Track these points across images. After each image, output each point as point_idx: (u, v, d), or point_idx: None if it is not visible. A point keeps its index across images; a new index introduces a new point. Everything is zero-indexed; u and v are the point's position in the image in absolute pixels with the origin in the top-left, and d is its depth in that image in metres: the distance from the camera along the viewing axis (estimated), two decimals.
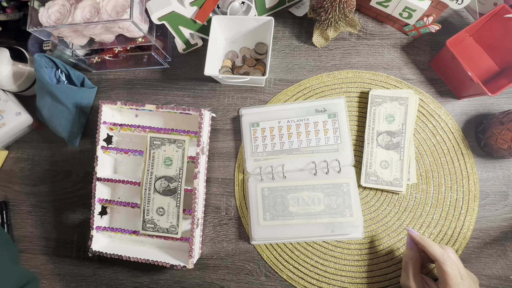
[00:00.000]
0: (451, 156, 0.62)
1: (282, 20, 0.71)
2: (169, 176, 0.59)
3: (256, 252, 0.64)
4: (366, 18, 0.69)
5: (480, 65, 0.63)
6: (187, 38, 0.67)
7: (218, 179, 0.67)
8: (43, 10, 0.58)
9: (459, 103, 0.64)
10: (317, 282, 0.61)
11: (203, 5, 0.61)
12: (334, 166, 0.62)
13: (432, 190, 0.62)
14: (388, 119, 0.62)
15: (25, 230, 0.71)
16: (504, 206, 0.60)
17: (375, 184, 0.61)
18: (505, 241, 0.59)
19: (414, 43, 0.67)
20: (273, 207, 0.62)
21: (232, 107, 0.69)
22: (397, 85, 0.65)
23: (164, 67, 0.72)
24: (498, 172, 0.61)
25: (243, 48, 0.70)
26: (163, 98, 0.72)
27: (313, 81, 0.68)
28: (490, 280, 0.58)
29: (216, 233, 0.65)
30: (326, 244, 0.62)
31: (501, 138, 0.55)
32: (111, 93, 0.74)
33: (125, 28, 0.58)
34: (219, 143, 0.68)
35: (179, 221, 0.59)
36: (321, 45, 0.68)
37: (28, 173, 0.73)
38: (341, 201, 0.61)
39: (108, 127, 0.65)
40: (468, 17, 0.66)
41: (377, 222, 0.62)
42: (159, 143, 0.60)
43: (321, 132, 0.64)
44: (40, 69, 0.64)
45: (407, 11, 0.60)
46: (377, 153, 0.62)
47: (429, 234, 0.60)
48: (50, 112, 0.68)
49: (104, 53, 0.70)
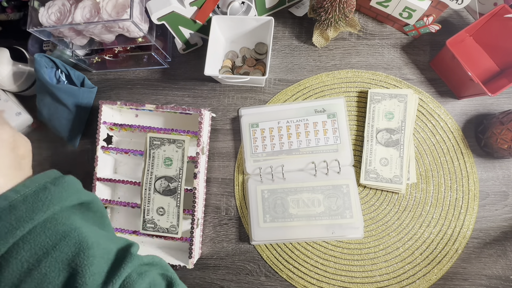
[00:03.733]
0: (450, 155, 0.62)
1: (282, 20, 0.71)
2: (169, 176, 0.59)
3: (256, 252, 0.64)
4: (366, 18, 0.69)
5: (480, 65, 0.63)
6: (187, 38, 0.67)
7: (218, 179, 0.67)
8: (43, 10, 0.58)
9: (459, 103, 0.64)
10: (317, 282, 0.61)
11: (203, 5, 0.61)
12: (334, 166, 0.62)
13: (432, 190, 0.62)
14: (388, 117, 0.62)
15: None
16: (504, 206, 0.60)
17: (375, 181, 0.61)
18: (505, 241, 0.59)
19: (414, 43, 0.67)
20: (273, 209, 0.62)
21: (232, 107, 0.69)
22: (397, 85, 0.65)
23: (164, 67, 0.72)
24: (498, 172, 0.61)
25: (243, 48, 0.70)
26: (163, 98, 0.72)
27: (313, 81, 0.68)
28: (490, 280, 0.58)
29: (216, 233, 0.65)
30: (326, 244, 0.62)
31: (501, 138, 0.55)
32: (111, 93, 0.74)
33: (125, 28, 0.58)
34: (219, 143, 0.68)
35: (179, 221, 0.59)
36: (321, 45, 0.68)
37: None
38: (341, 202, 0.61)
39: (108, 127, 0.65)
40: (468, 17, 0.66)
41: (377, 221, 0.62)
42: (158, 143, 0.60)
43: (320, 132, 0.64)
44: (40, 69, 0.64)
45: (407, 11, 0.60)
46: (377, 151, 0.62)
47: (429, 233, 0.60)
48: (50, 112, 0.68)
49: (104, 53, 0.70)
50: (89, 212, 0.31)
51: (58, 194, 0.28)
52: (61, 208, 0.27)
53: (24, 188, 0.27)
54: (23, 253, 0.25)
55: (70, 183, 0.30)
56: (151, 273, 0.30)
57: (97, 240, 0.28)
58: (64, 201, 0.28)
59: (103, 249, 0.28)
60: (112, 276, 0.27)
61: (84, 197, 0.30)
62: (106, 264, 0.27)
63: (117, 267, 0.27)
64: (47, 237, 0.26)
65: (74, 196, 0.29)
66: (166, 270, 0.32)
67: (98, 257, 0.27)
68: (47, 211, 0.26)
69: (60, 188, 0.28)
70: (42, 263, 0.25)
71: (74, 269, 0.25)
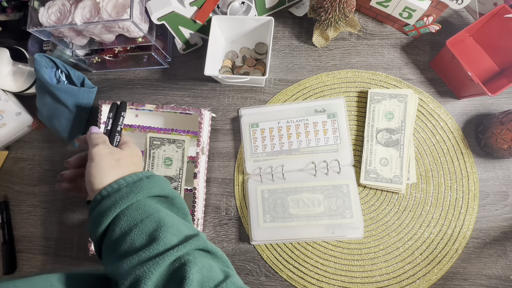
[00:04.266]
0: (450, 155, 0.62)
1: (282, 20, 0.71)
2: (169, 176, 0.59)
3: (256, 252, 0.64)
4: (366, 18, 0.69)
5: (480, 65, 0.63)
6: (187, 38, 0.67)
7: (218, 179, 0.67)
8: (43, 10, 0.58)
9: (459, 103, 0.64)
10: (317, 282, 0.61)
11: (203, 5, 0.61)
12: (334, 166, 0.62)
13: (432, 190, 0.62)
14: (388, 117, 0.62)
15: (25, 230, 0.71)
16: (504, 206, 0.60)
17: (375, 181, 0.61)
18: (505, 241, 0.59)
19: (414, 43, 0.67)
20: (273, 209, 0.62)
21: (232, 107, 0.69)
22: (397, 85, 0.65)
23: (164, 67, 0.72)
24: (498, 172, 0.61)
25: (243, 48, 0.70)
26: (163, 98, 0.72)
27: (312, 81, 0.68)
28: (490, 280, 0.58)
29: (216, 233, 0.65)
30: (326, 244, 0.62)
31: (501, 138, 0.55)
32: (111, 93, 0.74)
33: (125, 28, 0.58)
34: (219, 143, 0.68)
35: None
36: (321, 45, 0.68)
37: (28, 173, 0.73)
38: (341, 202, 0.61)
39: None
40: (468, 17, 0.66)
41: (377, 221, 0.62)
42: (158, 143, 0.60)
43: (320, 132, 0.64)
44: (40, 69, 0.64)
45: (407, 11, 0.60)
46: (377, 151, 0.62)
47: (429, 233, 0.60)
48: (50, 112, 0.68)
49: (104, 53, 0.70)
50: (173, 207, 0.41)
51: (148, 185, 0.39)
52: (148, 194, 0.38)
53: (129, 178, 0.39)
54: (122, 222, 0.36)
55: (159, 179, 0.41)
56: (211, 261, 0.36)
57: (174, 223, 0.37)
58: (151, 190, 0.38)
59: (176, 229, 0.36)
60: (178, 245, 0.34)
61: (167, 191, 0.40)
62: (177, 239, 0.35)
63: (184, 241, 0.35)
64: (138, 213, 0.36)
65: (159, 187, 0.39)
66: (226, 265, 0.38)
67: (171, 234, 0.35)
68: (138, 194, 0.37)
69: (151, 181, 0.39)
70: (132, 231, 0.35)
71: (152, 239, 0.34)
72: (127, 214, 0.36)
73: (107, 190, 0.38)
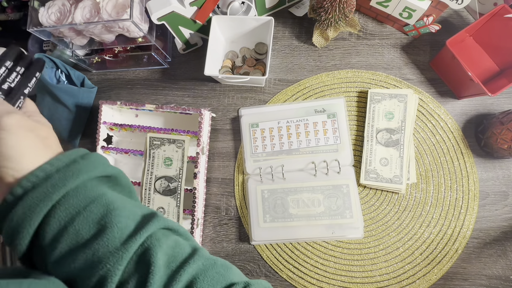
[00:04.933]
0: (450, 155, 0.62)
1: (282, 20, 0.71)
2: (169, 176, 0.59)
3: (256, 252, 0.64)
4: (366, 18, 0.69)
5: (480, 65, 0.63)
6: (187, 38, 0.67)
7: (218, 179, 0.67)
8: (43, 10, 0.58)
9: (459, 103, 0.64)
10: (317, 282, 0.61)
11: (203, 5, 0.60)
12: (334, 166, 0.62)
13: (432, 190, 0.62)
14: (388, 117, 0.62)
15: None
16: (504, 206, 0.60)
17: (375, 181, 0.61)
18: (505, 241, 0.59)
19: (414, 43, 0.67)
20: (273, 209, 0.62)
21: (232, 107, 0.69)
22: (397, 85, 0.65)
23: (164, 67, 0.72)
24: (498, 172, 0.61)
25: (243, 48, 0.70)
26: (163, 98, 0.72)
27: (312, 81, 0.68)
28: (490, 280, 0.58)
29: (216, 233, 0.65)
30: (326, 244, 0.62)
31: (501, 138, 0.55)
32: (111, 93, 0.74)
33: (125, 28, 0.58)
34: (219, 143, 0.68)
35: (179, 221, 0.59)
36: (321, 45, 0.68)
37: None
38: (341, 202, 0.61)
39: (108, 127, 0.65)
40: (468, 17, 0.66)
41: (377, 221, 0.62)
42: (158, 143, 0.60)
43: (320, 133, 0.64)
44: None
45: (407, 11, 0.60)
46: (377, 151, 0.62)
47: (429, 233, 0.60)
48: (50, 112, 0.68)
49: (104, 53, 0.70)
50: (118, 186, 0.35)
51: (86, 166, 0.32)
52: (89, 177, 0.32)
53: (57, 161, 0.31)
54: (59, 213, 0.30)
55: (97, 158, 0.34)
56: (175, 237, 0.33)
57: (124, 204, 0.32)
58: (91, 172, 0.32)
59: (129, 211, 0.32)
60: (138, 230, 0.30)
61: (109, 170, 0.34)
62: (133, 223, 0.31)
63: (143, 224, 0.31)
64: (79, 200, 0.30)
65: (101, 168, 0.33)
66: (192, 240, 0.35)
67: (125, 217, 0.31)
68: (77, 180, 0.31)
69: (87, 161, 0.32)
70: (75, 221, 0.30)
71: (103, 225, 0.30)
72: (64, 203, 0.30)
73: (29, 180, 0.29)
